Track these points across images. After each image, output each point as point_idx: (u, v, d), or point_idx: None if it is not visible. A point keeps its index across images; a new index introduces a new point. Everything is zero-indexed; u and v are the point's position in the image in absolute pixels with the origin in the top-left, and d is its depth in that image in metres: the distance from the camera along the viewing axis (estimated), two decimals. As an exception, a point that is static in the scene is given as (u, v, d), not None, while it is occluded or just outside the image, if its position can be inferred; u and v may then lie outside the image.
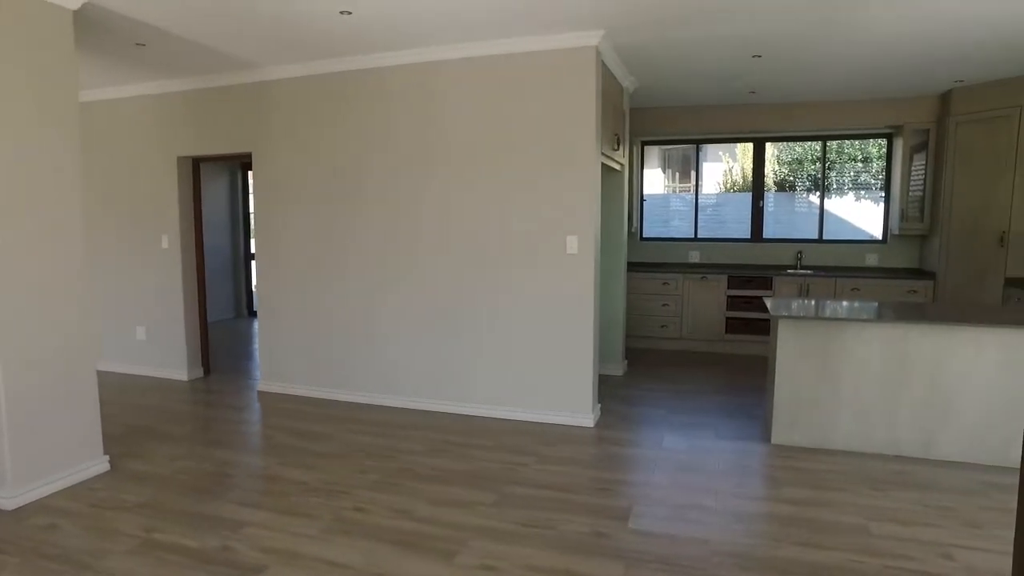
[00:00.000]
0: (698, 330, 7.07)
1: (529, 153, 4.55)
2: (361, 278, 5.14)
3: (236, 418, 4.91)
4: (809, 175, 7.61)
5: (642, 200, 7.86)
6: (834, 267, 7.11)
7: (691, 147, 7.94)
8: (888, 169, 7.10)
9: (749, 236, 7.54)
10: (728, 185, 8.37)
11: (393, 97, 4.89)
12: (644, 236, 7.88)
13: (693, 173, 7.89)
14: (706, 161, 8.46)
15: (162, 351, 5.99)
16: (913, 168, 6.68)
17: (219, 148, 5.58)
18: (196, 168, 5.94)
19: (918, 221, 6.63)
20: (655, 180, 8.57)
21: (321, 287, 5.29)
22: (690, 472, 3.84)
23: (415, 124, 4.85)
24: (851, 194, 7.46)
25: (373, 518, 3.26)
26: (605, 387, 5.58)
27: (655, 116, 7.25)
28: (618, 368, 6.08)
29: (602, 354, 6.02)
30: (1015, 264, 5.81)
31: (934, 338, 3.93)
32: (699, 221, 7.79)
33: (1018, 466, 3.89)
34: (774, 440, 4.24)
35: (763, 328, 6.78)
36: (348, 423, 4.74)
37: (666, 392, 5.56)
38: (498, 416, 4.80)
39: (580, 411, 4.64)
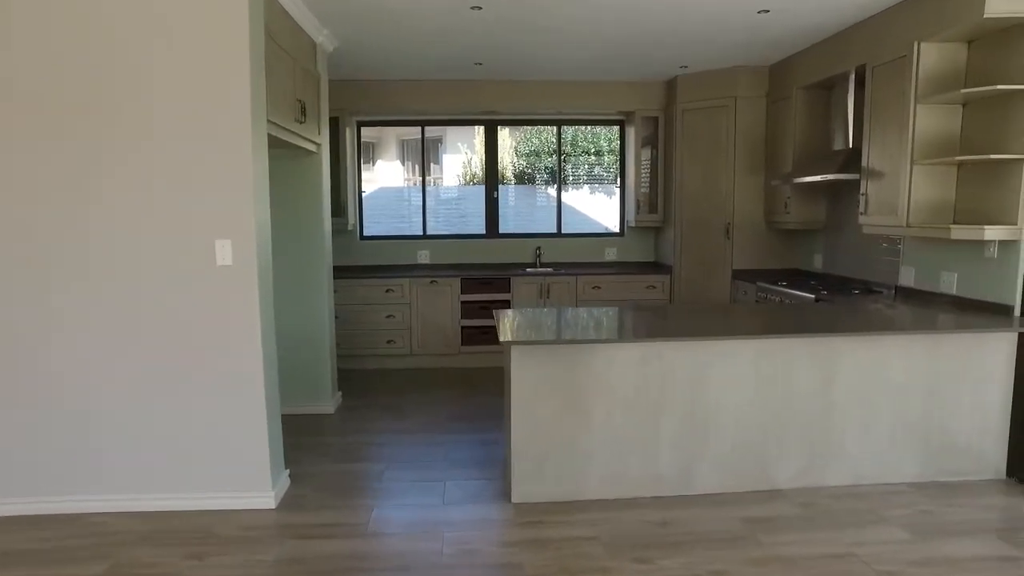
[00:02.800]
0: (431, 343, 6.03)
1: (145, 116, 2.99)
2: None
3: None
4: (547, 167, 6.99)
5: (360, 192, 6.59)
6: (574, 263, 6.55)
7: (432, 137, 6.89)
8: (622, 158, 6.72)
9: (484, 232, 6.69)
10: (468, 178, 7.50)
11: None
12: (365, 235, 6.63)
13: (422, 163, 6.81)
14: (446, 153, 7.55)
15: None
16: (646, 157, 6.35)
17: None
18: None
19: (652, 212, 6.31)
20: (393, 172, 7.42)
21: None
22: (404, 574, 2.68)
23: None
24: (588, 186, 7.01)
25: None
26: (305, 436, 4.22)
27: (372, 91, 6.02)
28: (328, 404, 4.76)
29: (304, 389, 4.66)
30: (740, 256, 5.67)
31: (691, 353, 3.26)
32: (433, 217, 6.76)
33: (776, 487, 3.41)
34: (515, 498, 3.27)
35: (503, 337, 5.95)
36: None
37: (387, 433, 4.37)
38: (136, 509, 3.19)
39: (254, 488, 3.23)
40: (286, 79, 3.68)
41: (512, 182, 7.03)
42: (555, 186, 6.86)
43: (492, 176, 6.68)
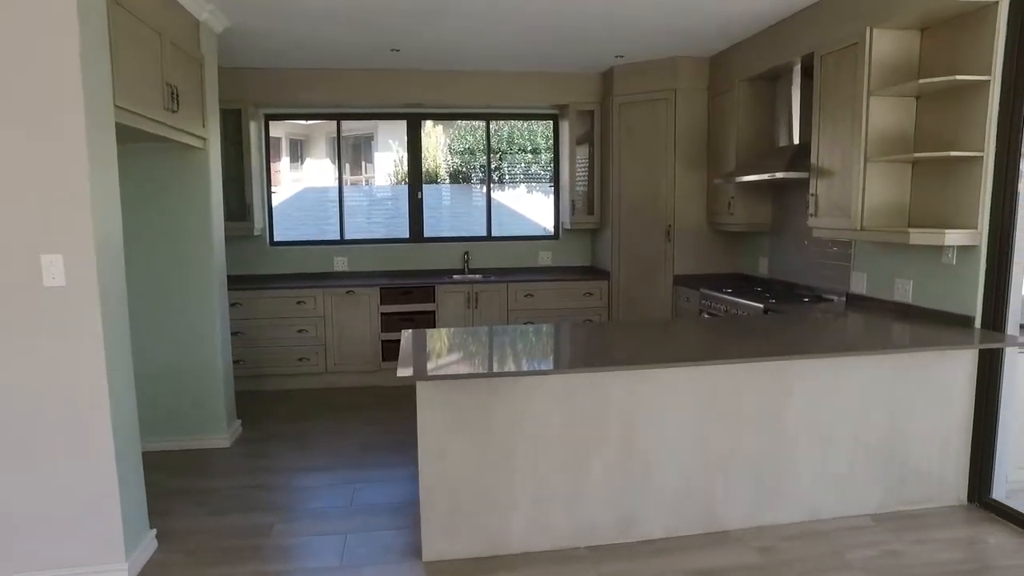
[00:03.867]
0: (348, 360, 5.45)
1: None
2: None
3: None
4: (483, 166, 6.49)
5: (269, 193, 5.95)
6: (506, 268, 6.08)
7: (364, 133, 6.33)
8: (556, 156, 6.28)
9: (408, 236, 6.14)
10: (400, 177, 6.96)
11: None
12: (276, 240, 5.99)
13: (338, 160, 6.21)
14: (377, 150, 6.98)
15: None
16: (581, 155, 5.93)
17: None
18: None
19: (588, 214, 5.89)
20: (323, 171, 6.84)
21: None
22: (277, 674, 2.15)
23: None
24: (523, 186, 6.53)
25: None
26: (189, 479, 3.62)
27: (279, 80, 5.40)
28: (222, 437, 4.14)
29: (192, 421, 4.05)
30: (682, 260, 5.30)
31: (626, 383, 2.82)
32: (367, 219, 6.19)
33: (725, 528, 3.02)
34: (427, 556, 2.76)
35: (428, 351, 5.42)
36: None
37: (287, 472, 3.80)
38: (-57, 592, 2.55)
39: (103, 560, 2.61)
40: (148, 59, 3.07)
41: (446, 181, 6.52)
42: (493, 185, 6.39)
43: (416, 175, 6.14)
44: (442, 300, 5.49)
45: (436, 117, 6.18)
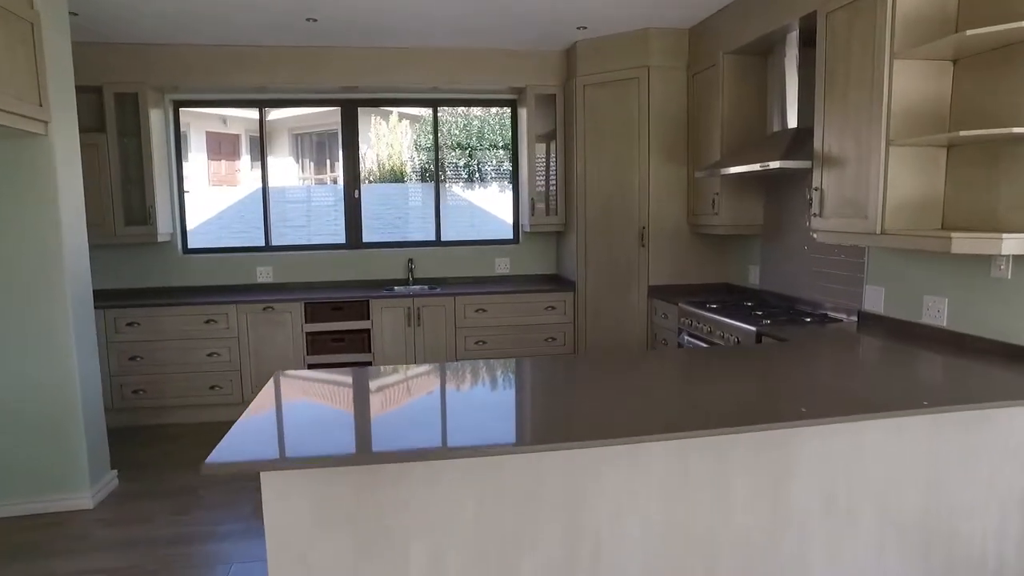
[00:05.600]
0: (268, 389, 4.61)
1: None
2: None
3: None
4: (450, 164, 5.67)
5: (182, 192, 5.10)
6: (457, 278, 5.27)
7: (327, 129, 5.67)
8: (514, 147, 5.47)
9: (344, 241, 5.31)
10: (365, 175, 6.15)
11: None
12: (190, 247, 5.14)
13: (261, 155, 5.37)
14: (340, 147, 6.20)
15: None
16: (542, 146, 5.12)
17: None
18: None
19: (552, 214, 5.09)
20: (286, 171, 6.07)
21: None
22: None
23: None
24: (495, 185, 5.72)
25: None
26: (13, 563, 2.78)
27: (185, 59, 4.58)
28: (85, 497, 3.30)
29: (43, 479, 3.26)
30: (658, 268, 4.51)
31: (571, 458, 2.01)
32: (333, 222, 5.35)
33: (709, 636, 2.21)
34: None
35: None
36: None
37: (152, 545, 2.94)
38: None
39: None
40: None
41: (414, 180, 5.71)
42: (463, 184, 5.63)
43: (353, 171, 5.32)
44: (378, 317, 4.66)
45: (374, 103, 5.35)
